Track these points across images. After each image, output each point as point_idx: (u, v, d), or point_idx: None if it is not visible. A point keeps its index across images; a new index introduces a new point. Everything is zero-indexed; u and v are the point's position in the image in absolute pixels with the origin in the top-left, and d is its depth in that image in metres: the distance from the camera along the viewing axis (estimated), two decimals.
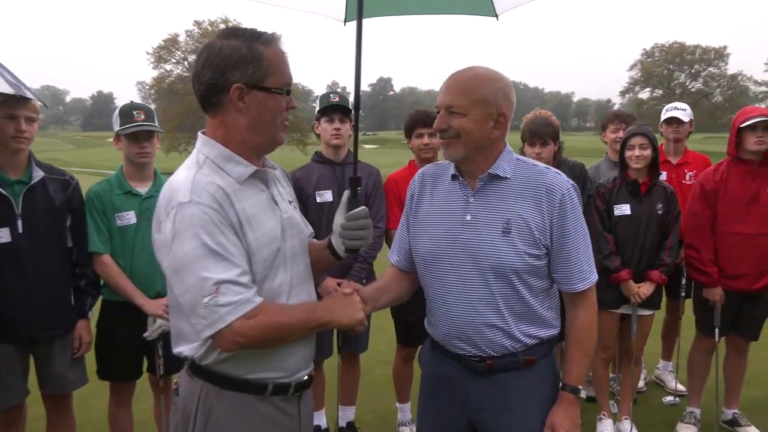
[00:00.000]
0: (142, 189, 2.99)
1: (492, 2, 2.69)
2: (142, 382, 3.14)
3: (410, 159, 3.69)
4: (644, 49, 70.26)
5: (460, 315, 1.87)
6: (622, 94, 68.03)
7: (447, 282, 1.89)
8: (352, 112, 2.98)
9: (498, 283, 1.82)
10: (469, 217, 1.86)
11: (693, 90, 66.10)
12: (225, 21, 49.08)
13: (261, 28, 1.60)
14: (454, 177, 1.93)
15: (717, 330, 3.57)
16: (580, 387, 1.90)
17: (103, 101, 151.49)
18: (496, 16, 2.76)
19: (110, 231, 2.91)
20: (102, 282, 2.96)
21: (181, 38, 48.97)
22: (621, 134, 4.03)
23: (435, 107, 1.90)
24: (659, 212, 3.38)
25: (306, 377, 1.72)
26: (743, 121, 3.38)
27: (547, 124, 3.43)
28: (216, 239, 1.44)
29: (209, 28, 48.58)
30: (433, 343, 2.03)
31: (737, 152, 3.47)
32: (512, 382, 1.88)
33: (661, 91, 66.00)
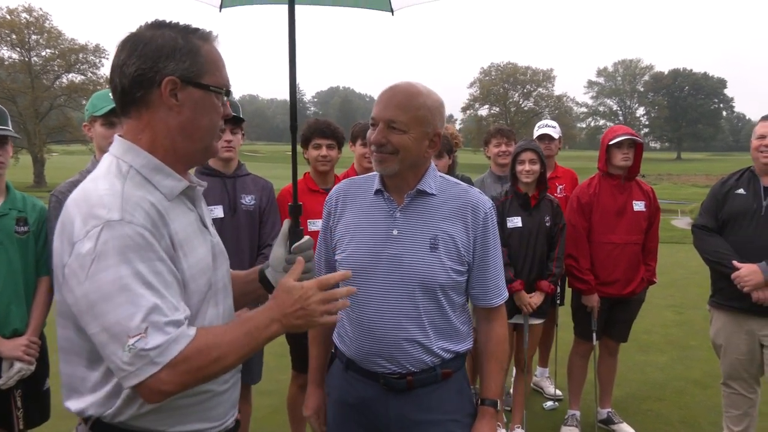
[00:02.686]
0: None
1: None
2: None
3: (302, 172, 3.65)
4: (482, 68, 77.04)
5: (382, 331, 1.90)
6: (464, 110, 73.71)
7: (369, 297, 1.91)
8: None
9: (424, 298, 1.89)
10: (396, 232, 1.91)
11: (526, 108, 73.81)
12: (28, 9, 44.29)
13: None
14: (378, 192, 1.98)
15: (594, 334, 4.02)
16: (497, 400, 2.03)
17: None
18: (392, 11, 2.84)
19: None
20: None
21: None
22: (503, 148, 4.43)
23: (371, 119, 1.91)
24: (547, 224, 3.74)
25: (233, 422, 1.59)
26: (611, 139, 3.90)
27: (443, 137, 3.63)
28: (152, 267, 1.26)
29: (7, 16, 43.44)
30: (347, 363, 2.03)
31: (607, 168, 3.98)
32: (431, 397, 1.96)
33: (498, 109, 72.65)
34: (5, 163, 2.62)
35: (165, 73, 1.35)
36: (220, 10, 2.83)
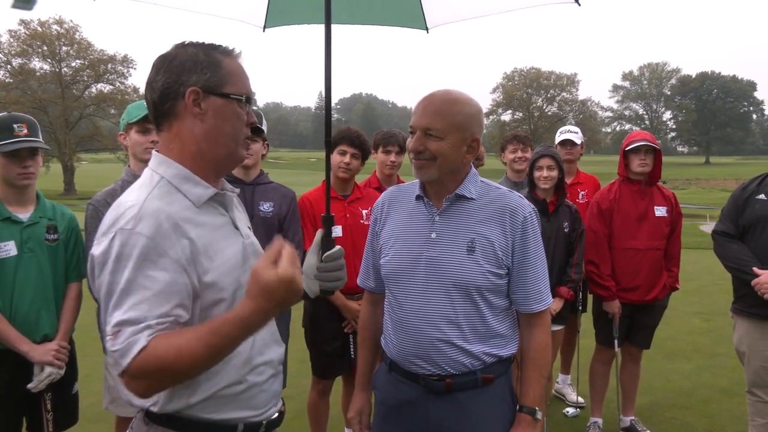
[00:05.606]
0: (23, 215, 2.70)
1: (423, 16, 2.90)
2: None
3: (323, 179, 3.70)
4: (505, 73, 76.71)
5: (419, 331, 1.95)
6: (486, 115, 73.44)
7: (408, 298, 1.98)
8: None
9: (461, 300, 1.93)
10: (434, 235, 1.97)
11: (549, 113, 73.26)
12: (59, 21, 45.49)
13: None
14: (418, 197, 2.04)
15: (616, 341, 3.99)
16: (537, 408, 2.02)
17: None
18: (427, 29, 2.97)
19: None
20: None
21: (3, 39, 44.51)
22: (519, 154, 4.43)
23: (409, 127, 1.98)
24: (566, 230, 3.73)
25: (276, 414, 1.67)
26: (627, 145, 3.89)
27: None
28: (146, 274, 1.35)
29: (39, 28, 44.69)
30: (390, 364, 2.08)
31: (626, 173, 3.96)
32: (471, 403, 1.97)
33: (521, 114, 72.25)
34: (36, 173, 2.72)
35: (188, 85, 1.48)
36: (264, 30, 2.93)
